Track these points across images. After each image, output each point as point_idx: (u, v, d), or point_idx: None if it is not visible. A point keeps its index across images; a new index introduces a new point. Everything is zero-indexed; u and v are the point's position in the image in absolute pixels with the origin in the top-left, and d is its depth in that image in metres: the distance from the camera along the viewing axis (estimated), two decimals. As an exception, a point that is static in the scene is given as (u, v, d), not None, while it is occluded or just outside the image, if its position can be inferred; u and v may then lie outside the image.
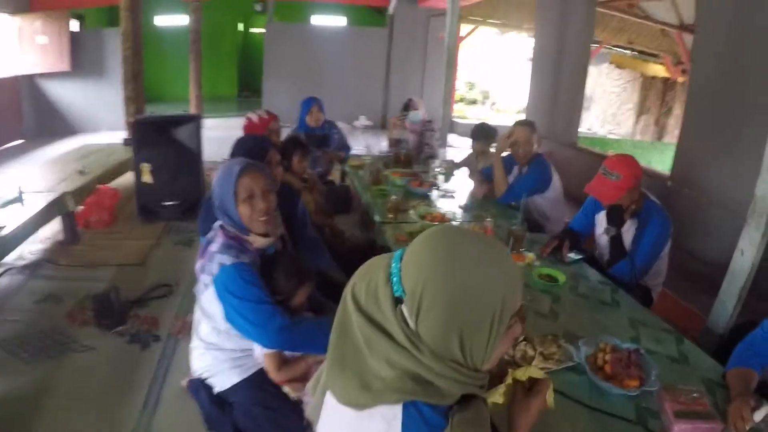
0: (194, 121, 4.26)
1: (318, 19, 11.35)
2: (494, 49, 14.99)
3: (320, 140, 4.27)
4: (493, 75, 15.39)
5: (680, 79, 10.98)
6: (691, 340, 1.91)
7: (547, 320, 1.93)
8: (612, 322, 1.97)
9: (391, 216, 2.84)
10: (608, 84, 12.10)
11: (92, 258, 3.49)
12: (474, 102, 15.22)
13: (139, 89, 5.54)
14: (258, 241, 1.69)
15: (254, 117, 2.96)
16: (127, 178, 4.54)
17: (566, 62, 6.31)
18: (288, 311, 1.65)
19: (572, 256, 2.47)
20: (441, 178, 3.78)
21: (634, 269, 2.42)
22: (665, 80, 11.47)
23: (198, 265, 1.66)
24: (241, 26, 12.16)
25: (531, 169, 3.31)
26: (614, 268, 2.47)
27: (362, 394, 0.78)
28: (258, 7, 9.78)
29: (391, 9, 9.46)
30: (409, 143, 4.53)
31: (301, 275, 1.72)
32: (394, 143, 4.47)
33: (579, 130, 6.55)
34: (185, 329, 2.57)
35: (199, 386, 1.71)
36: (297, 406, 1.64)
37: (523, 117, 7.39)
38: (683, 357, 1.77)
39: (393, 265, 0.79)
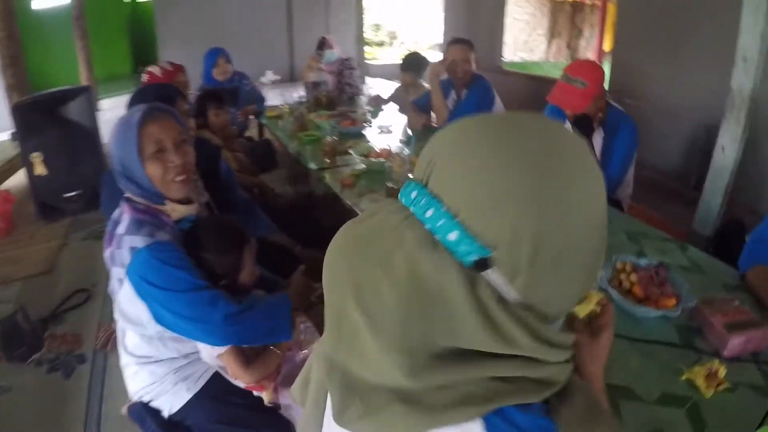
0: (84, 93, 3.55)
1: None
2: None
3: (231, 94, 3.72)
4: (398, 15, 14.82)
5: (588, 2, 11.01)
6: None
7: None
8: (611, 238, 1.71)
9: (328, 161, 2.46)
10: (517, 11, 11.91)
11: (-9, 276, 2.86)
12: (381, 44, 14.55)
13: (20, 74, 4.64)
14: (177, 210, 1.25)
15: (156, 70, 2.37)
16: (20, 177, 3.80)
17: None
18: (236, 293, 1.26)
19: None
20: (369, 115, 3.41)
21: (609, 182, 2.23)
22: (573, 3, 11.46)
23: (106, 254, 1.22)
24: (125, -4, 10.83)
25: (472, 90, 3.04)
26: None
27: (404, 415, 0.43)
28: (141, -29, 8.65)
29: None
30: (329, 84, 4.08)
31: (238, 239, 1.31)
32: (312, 87, 3.96)
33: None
34: (113, 340, 2.10)
35: (143, 412, 1.30)
36: (272, 413, 1.28)
37: (436, 53, 7.14)
38: (695, 265, 1.55)
39: (432, 212, 0.43)
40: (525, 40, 12.44)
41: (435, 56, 3.69)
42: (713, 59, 3.78)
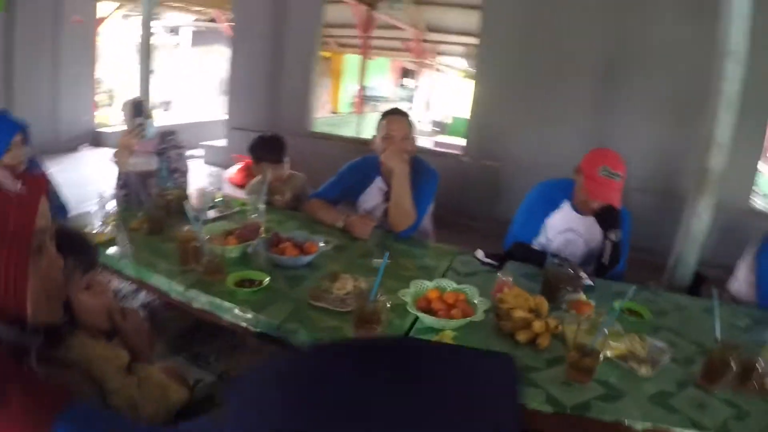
0: None
1: None
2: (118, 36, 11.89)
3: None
4: (115, 69, 12.28)
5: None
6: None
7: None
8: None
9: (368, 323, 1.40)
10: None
11: None
12: (97, 105, 11.61)
13: None
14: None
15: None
16: None
17: (289, 43, 5.29)
18: None
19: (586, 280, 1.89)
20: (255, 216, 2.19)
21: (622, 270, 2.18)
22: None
23: None
24: None
25: (421, 176, 2.35)
26: (614, 272, 2.11)
27: None
28: None
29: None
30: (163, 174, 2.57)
31: None
32: (142, 180, 2.48)
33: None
34: None
35: None
36: None
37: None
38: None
39: None
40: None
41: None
42: (578, 114, 4.29)
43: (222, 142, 6.10)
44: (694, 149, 4.26)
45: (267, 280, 1.67)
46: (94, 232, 2.01)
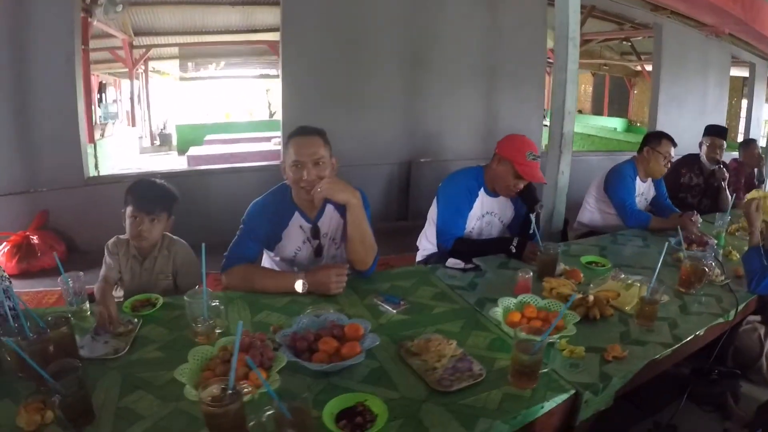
0: None
1: None
2: None
3: None
4: None
5: None
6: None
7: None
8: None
9: None
10: None
11: None
12: None
13: None
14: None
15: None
16: None
17: (37, 69, 3.79)
18: None
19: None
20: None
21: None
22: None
23: None
24: None
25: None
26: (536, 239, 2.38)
27: None
28: None
29: None
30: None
31: None
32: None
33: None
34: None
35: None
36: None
37: None
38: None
39: None
40: None
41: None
42: (394, 100, 4.64)
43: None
44: (498, 115, 5.19)
45: (373, 400, 1.16)
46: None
